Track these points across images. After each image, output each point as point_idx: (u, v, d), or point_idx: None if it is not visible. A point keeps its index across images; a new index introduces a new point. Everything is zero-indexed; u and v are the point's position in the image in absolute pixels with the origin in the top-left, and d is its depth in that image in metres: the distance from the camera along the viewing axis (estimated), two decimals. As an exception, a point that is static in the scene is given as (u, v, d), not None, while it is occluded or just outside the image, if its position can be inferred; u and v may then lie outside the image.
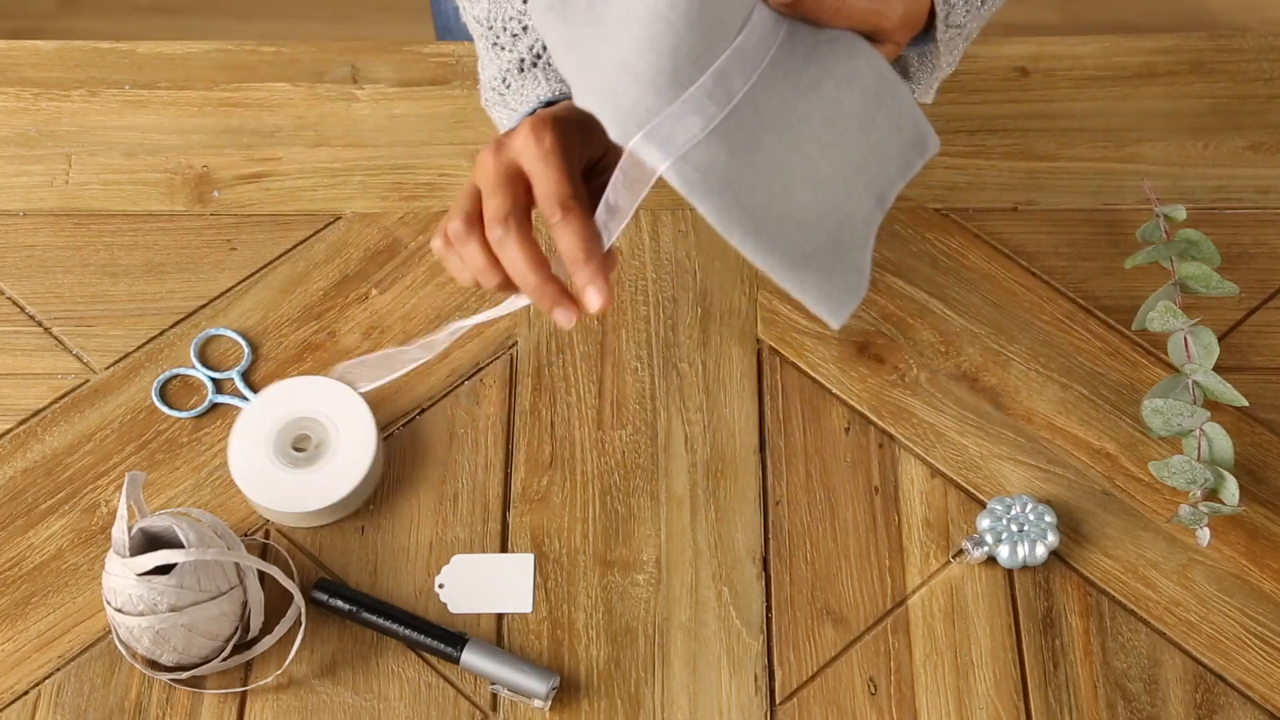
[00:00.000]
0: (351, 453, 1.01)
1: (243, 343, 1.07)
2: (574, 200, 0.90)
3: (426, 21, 1.48)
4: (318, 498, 0.99)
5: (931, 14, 0.92)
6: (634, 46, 0.83)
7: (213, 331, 1.08)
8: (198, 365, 1.06)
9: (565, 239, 0.90)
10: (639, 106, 0.83)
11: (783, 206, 0.87)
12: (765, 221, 0.86)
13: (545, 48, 0.96)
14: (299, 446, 1.02)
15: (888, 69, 0.89)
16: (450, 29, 1.40)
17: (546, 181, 0.90)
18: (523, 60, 0.98)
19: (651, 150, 0.84)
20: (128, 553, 0.90)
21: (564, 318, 0.90)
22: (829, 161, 0.88)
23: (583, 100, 0.85)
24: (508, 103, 0.99)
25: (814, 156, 0.88)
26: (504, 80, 0.99)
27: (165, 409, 1.05)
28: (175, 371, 1.05)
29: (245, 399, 1.05)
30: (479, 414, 1.05)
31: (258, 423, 1.02)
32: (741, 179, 0.85)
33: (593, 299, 0.91)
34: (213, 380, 1.06)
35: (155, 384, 1.05)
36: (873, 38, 0.89)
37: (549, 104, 0.96)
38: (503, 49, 0.99)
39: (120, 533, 0.90)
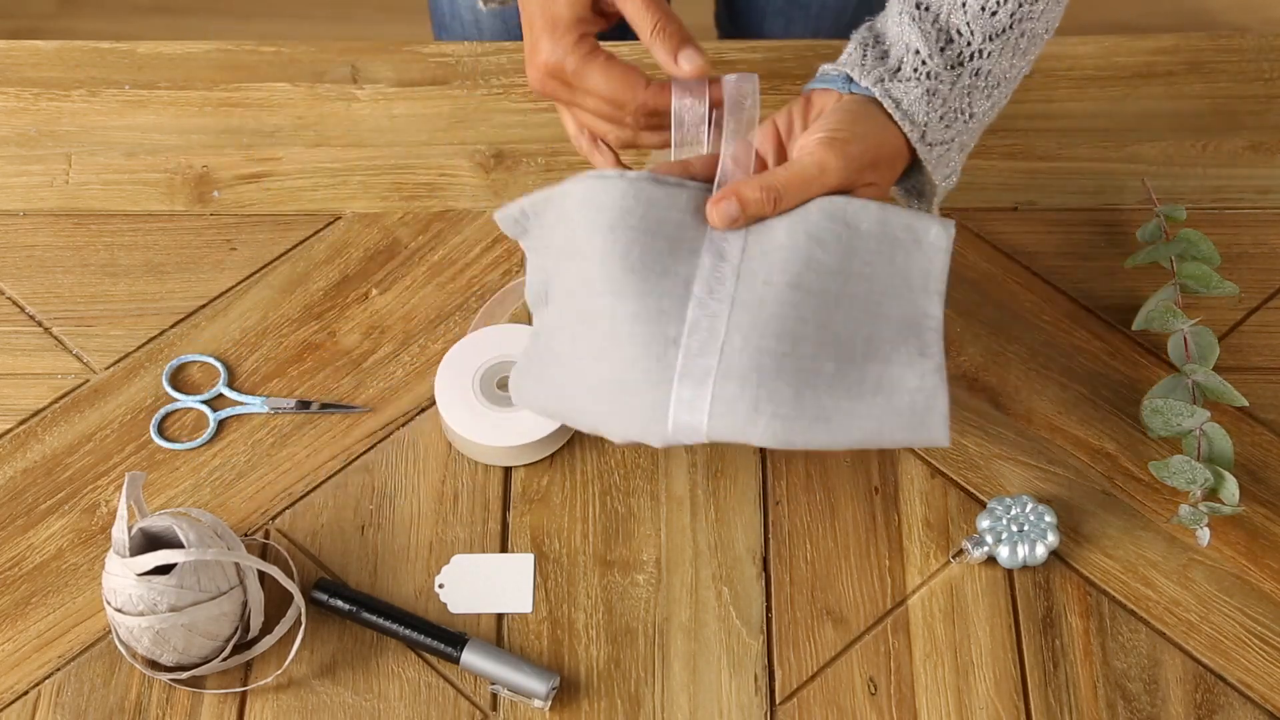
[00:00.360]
0: None
1: (215, 363, 1.07)
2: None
3: (426, 21, 1.48)
4: (524, 433, 1.01)
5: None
6: (612, 371, 0.90)
7: (183, 359, 1.07)
8: (178, 395, 1.05)
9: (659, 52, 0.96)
10: (654, 409, 0.89)
11: (822, 391, 0.89)
12: (815, 412, 0.89)
13: None
14: (503, 387, 1.03)
15: (839, 201, 0.91)
16: (446, 27, 1.40)
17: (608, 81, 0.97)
18: None
19: (688, 432, 0.89)
20: (128, 553, 0.90)
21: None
22: (843, 317, 0.91)
23: (607, 432, 0.92)
24: None
25: (825, 323, 0.90)
26: None
27: (167, 444, 1.04)
28: (167, 410, 1.05)
29: (244, 405, 1.05)
30: (479, 414, 1.05)
31: (461, 366, 1.04)
32: (771, 398, 0.88)
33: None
34: (204, 403, 1.05)
35: (153, 423, 1.04)
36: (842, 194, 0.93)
37: None
38: None
39: (120, 533, 0.90)
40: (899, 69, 0.93)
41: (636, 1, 0.96)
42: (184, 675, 0.93)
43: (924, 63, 0.92)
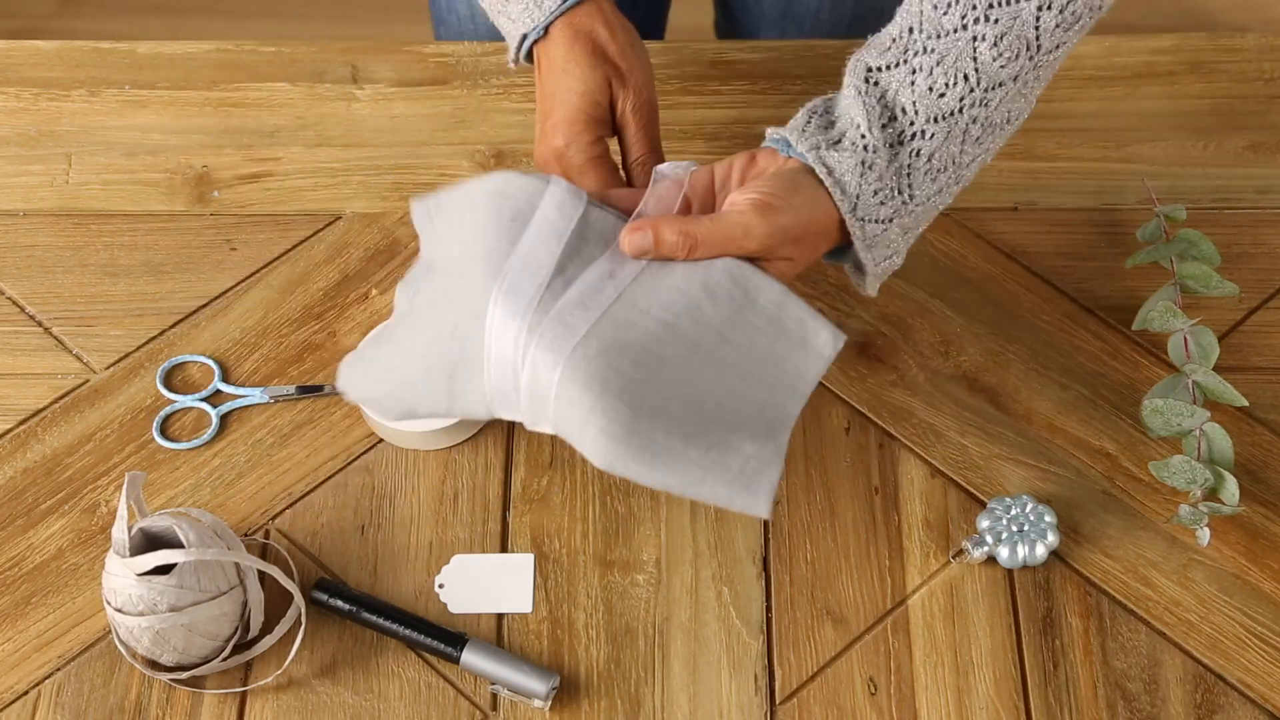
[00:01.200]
0: None
1: (209, 362, 1.07)
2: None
3: (426, 21, 1.48)
4: (440, 417, 0.97)
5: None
6: (459, 350, 0.89)
7: (176, 360, 1.07)
8: (174, 395, 1.05)
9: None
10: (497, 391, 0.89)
11: (659, 426, 0.86)
12: (645, 443, 0.86)
13: None
14: None
15: (748, 268, 0.90)
16: (443, 20, 1.40)
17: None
18: None
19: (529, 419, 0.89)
20: (128, 553, 0.90)
21: None
22: (704, 375, 0.89)
23: (432, 406, 0.91)
24: (510, 13, 1.02)
25: (683, 370, 0.88)
26: None
27: (169, 444, 1.04)
28: (169, 410, 1.05)
29: (243, 397, 1.05)
30: (479, 414, 1.05)
31: None
32: (606, 413, 0.86)
33: None
34: (203, 400, 1.05)
35: (155, 423, 1.04)
36: (755, 260, 0.91)
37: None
38: None
39: (120, 533, 0.90)
40: (839, 140, 0.92)
41: (635, 131, 1.01)
42: (184, 675, 0.93)
43: (862, 136, 0.91)
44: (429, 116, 1.20)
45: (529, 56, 1.03)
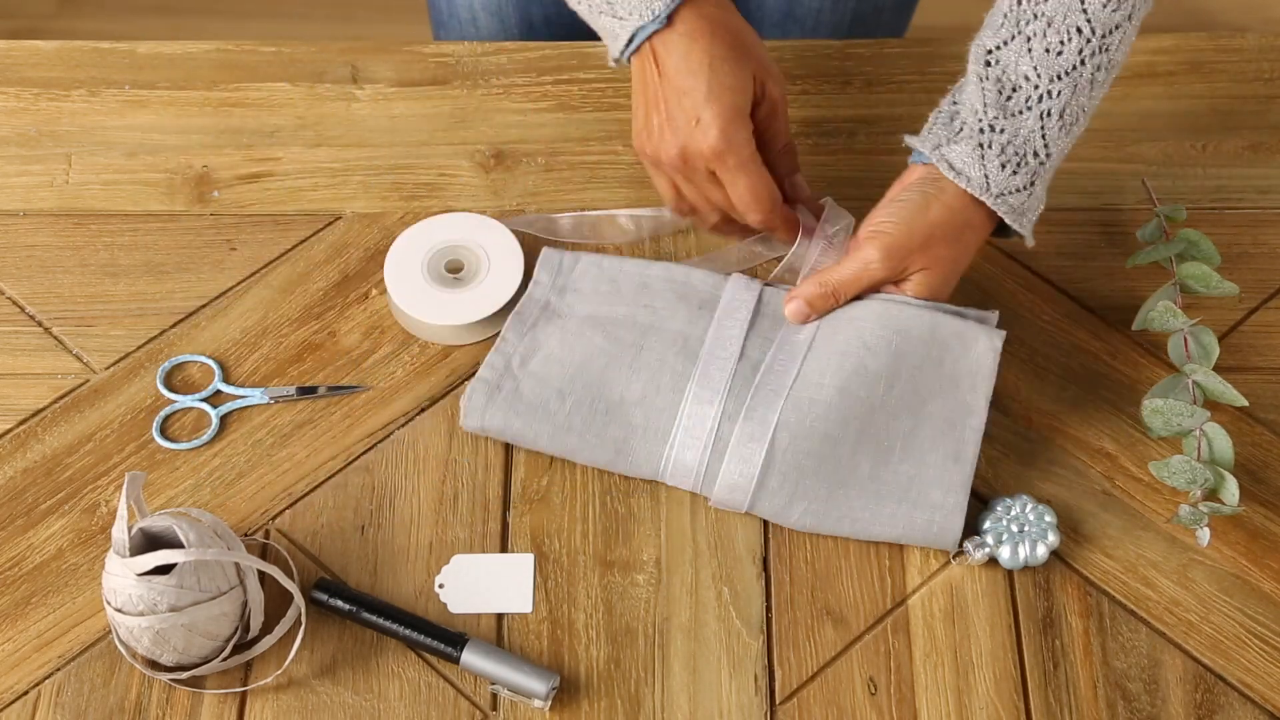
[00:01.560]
0: (502, 269, 1.08)
1: (209, 362, 1.07)
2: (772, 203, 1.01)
3: (426, 21, 1.48)
4: (477, 310, 1.07)
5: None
6: (649, 419, 1.00)
7: (176, 360, 1.07)
8: (174, 395, 1.05)
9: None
10: (698, 477, 0.99)
11: (853, 492, 0.97)
12: (843, 511, 0.97)
13: None
14: (453, 270, 1.08)
15: (894, 308, 0.99)
16: (444, 25, 1.40)
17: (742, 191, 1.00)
18: None
19: (728, 504, 0.99)
20: (128, 553, 0.90)
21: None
22: (885, 419, 0.98)
23: (621, 466, 1.01)
24: (615, 11, 0.99)
25: (866, 426, 0.98)
26: None
27: (169, 444, 1.04)
28: (169, 410, 1.05)
29: (243, 397, 1.05)
30: (479, 414, 1.05)
31: (410, 251, 1.09)
32: (806, 494, 0.97)
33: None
34: (203, 400, 1.05)
35: (155, 423, 1.04)
36: (896, 281, 0.99)
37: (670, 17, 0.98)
38: None
39: (120, 533, 0.90)
40: (960, 131, 0.96)
41: (782, 119, 1.03)
42: (184, 675, 0.93)
43: (979, 119, 0.95)
44: (429, 116, 1.20)
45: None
